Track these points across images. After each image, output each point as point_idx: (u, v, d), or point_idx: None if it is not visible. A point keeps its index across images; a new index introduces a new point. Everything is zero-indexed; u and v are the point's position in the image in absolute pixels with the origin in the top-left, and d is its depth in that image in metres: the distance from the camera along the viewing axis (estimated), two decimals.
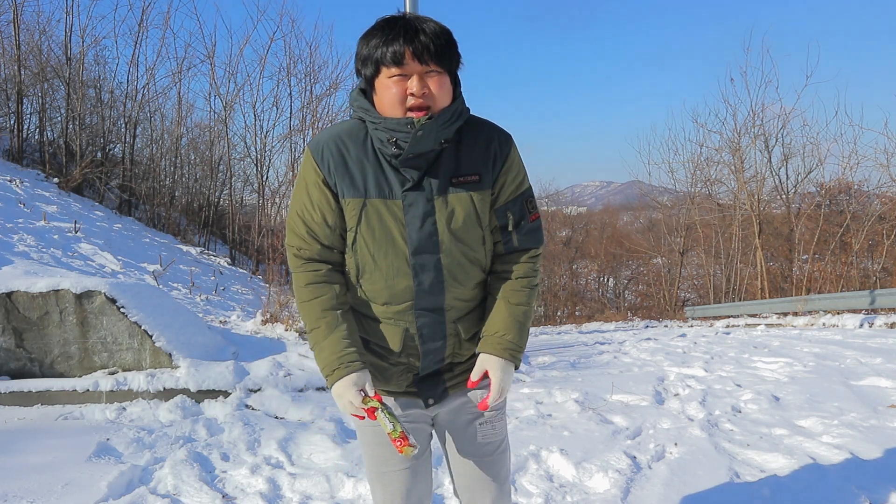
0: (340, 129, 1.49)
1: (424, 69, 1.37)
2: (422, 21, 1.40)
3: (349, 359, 1.46)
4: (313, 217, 1.48)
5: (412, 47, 1.35)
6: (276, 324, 6.13)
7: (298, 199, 1.50)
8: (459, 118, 1.44)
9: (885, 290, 11.07)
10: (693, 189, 22.98)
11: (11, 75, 13.86)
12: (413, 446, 1.43)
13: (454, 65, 1.44)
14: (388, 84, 1.38)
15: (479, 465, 1.64)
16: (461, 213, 1.46)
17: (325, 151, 1.45)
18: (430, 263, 1.46)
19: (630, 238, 32.17)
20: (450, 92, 1.43)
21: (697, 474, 3.09)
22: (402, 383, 1.57)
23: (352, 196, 1.44)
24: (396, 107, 1.38)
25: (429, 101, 1.38)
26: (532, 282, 1.56)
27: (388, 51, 1.36)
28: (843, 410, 4.17)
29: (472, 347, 1.59)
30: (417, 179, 1.44)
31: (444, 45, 1.39)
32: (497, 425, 1.65)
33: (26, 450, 3.36)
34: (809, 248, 18.17)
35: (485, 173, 1.47)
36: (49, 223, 9.56)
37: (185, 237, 15.31)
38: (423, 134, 1.37)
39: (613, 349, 7.74)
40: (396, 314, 1.50)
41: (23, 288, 4.35)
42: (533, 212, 1.55)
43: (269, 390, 4.38)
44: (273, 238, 14.74)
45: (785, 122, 19.57)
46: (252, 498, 2.85)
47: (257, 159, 18.05)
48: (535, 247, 1.56)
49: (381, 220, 1.44)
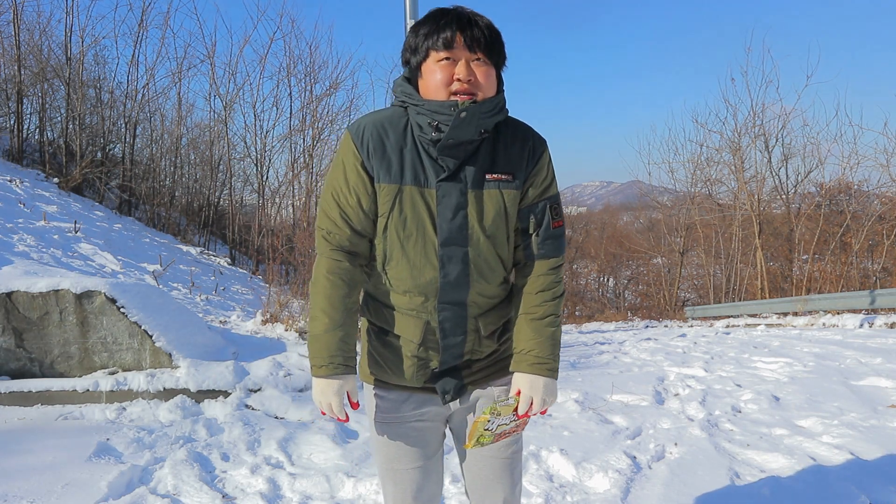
0: (381, 115, 1.49)
1: (473, 57, 1.41)
2: (475, 14, 1.44)
3: (340, 360, 1.47)
4: (348, 200, 1.47)
5: (464, 34, 1.39)
6: (276, 324, 6.13)
7: (334, 181, 1.49)
8: (500, 112, 1.46)
9: (885, 290, 11.07)
10: (693, 189, 22.99)
11: (11, 75, 13.86)
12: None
13: (500, 61, 1.47)
14: (435, 69, 1.41)
15: (492, 465, 1.64)
16: (492, 209, 1.47)
17: (366, 134, 1.46)
18: (457, 256, 1.47)
19: (630, 238, 32.15)
20: (494, 85, 1.45)
21: (697, 474, 3.09)
22: (420, 378, 1.56)
23: (387, 181, 1.45)
24: (441, 90, 1.40)
25: (474, 88, 1.41)
26: (555, 293, 1.55)
27: (439, 35, 1.40)
28: (843, 410, 4.17)
29: (491, 344, 1.59)
30: (454, 170, 1.45)
31: (494, 39, 1.43)
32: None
33: (26, 450, 3.36)
34: (809, 248, 18.16)
35: (518, 173, 1.49)
36: (49, 223, 9.56)
37: (185, 237, 15.31)
38: (465, 116, 1.38)
39: (613, 349, 7.74)
40: (419, 306, 1.50)
41: (23, 288, 4.35)
42: (557, 219, 1.55)
43: (269, 390, 4.38)
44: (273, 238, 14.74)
45: (785, 122, 19.57)
46: (252, 498, 2.85)
47: (257, 159, 18.05)
48: (556, 256, 1.55)
49: (414, 207, 1.45)
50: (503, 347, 1.63)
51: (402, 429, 1.60)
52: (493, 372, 1.62)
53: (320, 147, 17.92)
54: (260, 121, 18.57)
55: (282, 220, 18.43)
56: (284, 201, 18.50)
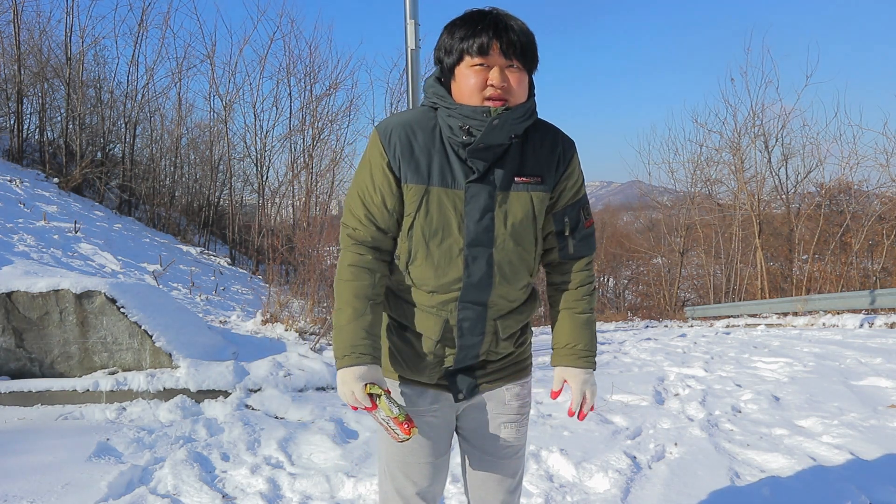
0: (410, 116, 1.50)
1: (507, 63, 1.41)
2: (510, 18, 1.43)
3: (362, 350, 1.45)
4: (373, 199, 1.48)
5: (500, 41, 1.39)
6: (276, 324, 6.13)
7: (361, 180, 1.51)
8: (531, 117, 1.47)
9: (885, 290, 11.07)
10: (693, 189, 22.99)
11: (11, 75, 13.85)
12: (415, 428, 1.44)
13: (533, 66, 1.47)
14: (469, 73, 1.41)
15: (495, 466, 1.65)
16: (520, 211, 1.48)
17: (394, 135, 1.47)
18: (482, 257, 1.48)
19: (630, 238, 32.15)
20: (526, 90, 1.45)
21: (697, 474, 3.09)
22: (434, 375, 1.57)
23: (415, 182, 1.46)
24: (475, 95, 1.41)
25: (507, 95, 1.41)
26: (590, 288, 1.60)
27: (475, 41, 1.39)
28: (843, 410, 4.17)
29: (507, 346, 1.60)
30: (483, 172, 1.46)
31: (528, 45, 1.42)
32: (521, 429, 1.67)
33: (26, 450, 3.36)
34: (809, 248, 18.16)
35: (547, 176, 1.50)
36: (49, 223, 9.56)
37: (185, 237, 15.30)
38: (498, 123, 1.39)
39: (613, 349, 7.74)
40: (440, 304, 1.51)
41: (23, 288, 4.35)
42: (588, 218, 1.58)
43: (269, 390, 4.38)
44: (273, 238, 14.74)
45: (785, 122, 19.59)
46: (252, 498, 2.85)
47: (257, 159, 18.03)
48: (590, 254, 1.60)
49: (440, 208, 1.46)
50: (519, 350, 1.65)
51: (418, 422, 1.59)
52: (506, 374, 1.63)
53: (320, 147, 17.92)
54: (260, 121, 18.54)
55: (282, 220, 18.42)
56: (284, 201, 18.50)
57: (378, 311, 1.51)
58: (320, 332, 5.74)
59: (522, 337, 1.65)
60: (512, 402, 1.64)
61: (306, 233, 9.61)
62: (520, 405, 1.66)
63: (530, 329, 1.71)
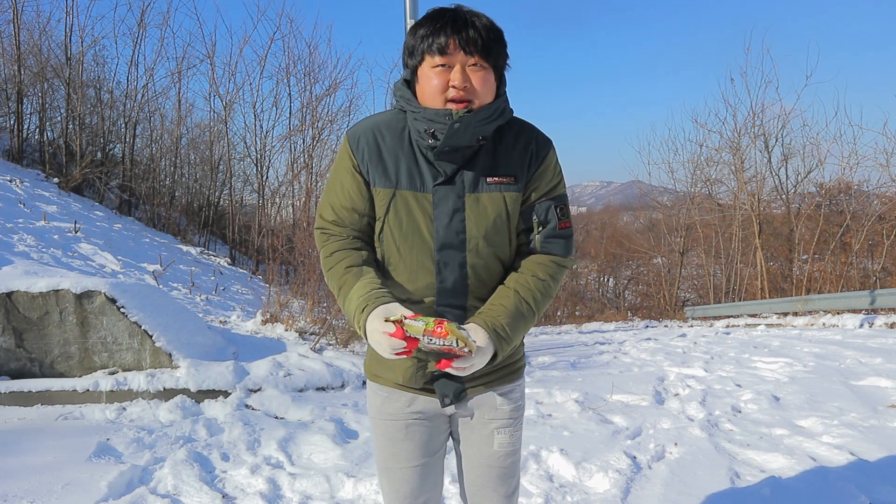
0: (380, 119, 1.48)
1: (468, 61, 1.36)
2: (473, 14, 1.38)
3: (376, 295, 1.36)
4: (343, 203, 1.48)
5: (458, 38, 1.34)
6: (276, 324, 6.13)
7: (331, 184, 1.51)
8: (500, 116, 1.42)
9: (885, 290, 11.07)
10: (693, 189, 22.98)
11: (11, 75, 13.85)
12: (452, 323, 1.29)
13: (500, 62, 1.42)
14: (431, 74, 1.37)
15: (490, 472, 1.60)
16: (492, 212, 1.43)
17: (362, 139, 1.45)
18: (454, 261, 1.44)
19: (630, 238, 32.14)
20: (493, 89, 1.41)
21: (697, 474, 3.09)
22: (419, 380, 1.53)
23: (382, 185, 1.44)
24: (437, 97, 1.37)
25: (470, 95, 1.37)
26: (546, 285, 1.47)
27: (434, 40, 1.35)
28: (843, 410, 4.17)
29: None
30: (451, 174, 1.42)
31: (492, 41, 1.37)
32: (515, 434, 1.61)
33: (26, 450, 3.36)
34: (809, 248, 18.16)
35: (520, 175, 1.45)
36: (49, 223, 9.56)
37: (185, 237, 15.30)
38: (459, 127, 1.35)
39: (613, 349, 7.74)
40: (417, 308, 1.46)
41: (23, 288, 4.35)
42: (564, 219, 1.49)
43: (269, 390, 4.38)
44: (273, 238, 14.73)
45: (785, 122, 19.56)
46: (252, 498, 2.84)
47: (257, 159, 18.04)
48: (559, 253, 1.49)
49: (409, 212, 1.43)
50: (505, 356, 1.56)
51: (399, 428, 1.57)
52: (496, 378, 1.56)
53: (320, 147, 17.90)
54: (260, 121, 18.54)
55: (282, 220, 18.41)
56: (284, 201, 18.49)
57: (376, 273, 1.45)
58: (320, 332, 5.74)
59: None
60: (503, 407, 1.58)
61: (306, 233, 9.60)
62: (512, 409, 1.59)
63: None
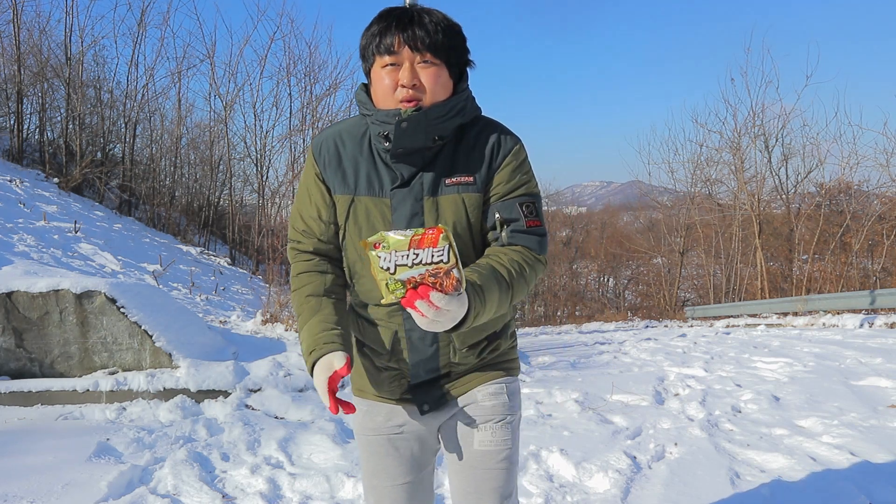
0: (343, 126, 1.46)
1: (417, 59, 1.31)
2: (422, 11, 1.33)
3: (325, 340, 1.35)
4: (310, 213, 1.47)
5: (403, 35, 1.30)
6: (276, 324, 6.14)
7: (299, 194, 1.51)
8: (458, 115, 1.36)
9: (885, 290, 11.08)
10: (693, 189, 23.02)
11: (11, 75, 13.86)
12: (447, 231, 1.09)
13: (453, 57, 1.35)
14: (381, 74, 1.33)
15: (476, 476, 1.46)
16: (451, 216, 1.36)
17: (323, 147, 1.44)
18: None
19: (630, 238, 32.16)
20: (446, 86, 1.35)
21: (697, 474, 3.09)
22: (396, 391, 1.48)
23: (342, 192, 1.41)
24: (388, 97, 1.33)
25: (419, 94, 1.31)
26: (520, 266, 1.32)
27: (381, 39, 1.31)
28: (843, 410, 4.17)
29: (470, 356, 1.45)
30: (408, 177, 1.37)
31: (442, 36, 1.32)
32: (498, 433, 1.45)
33: (26, 450, 3.36)
34: (809, 248, 18.17)
35: (479, 175, 1.37)
36: (49, 223, 9.56)
37: (185, 237, 15.31)
38: (408, 126, 1.29)
39: (613, 349, 7.74)
40: (387, 315, 1.42)
41: (23, 288, 4.35)
42: (531, 218, 1.37)
43: (269, 390, 4.38)
44: (273, 238, 14.75)
45: (785, 122, 19.59)
46: (252, 498, 2.85)
47: (257, 159, 18.06)
48: (529, 245, 1.36)
49: (368, 218, 1.39)
50: (489, 356, 1.49)
51: (381, 443, 1.51)
52: (477, 379, 1.47)
53: None
54: (260, 121, 18.56)
55: (282, 220, 18.40)
56: (284, 201, 18.48)
57: (339, 306, 1.44)
58: None
59: (492, 346, 1.47)
60: (485, 402, 1.45)
61: None
62: (494, 405, 1.46)
63: (507, 336, 1.52)
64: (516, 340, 1.61)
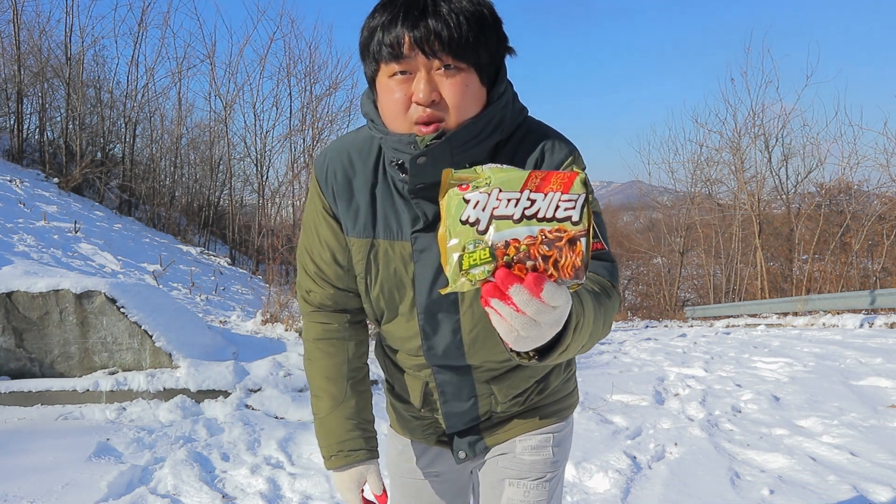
0: (350, 143, 1.14)
1: (434, 65, 0.96)
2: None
3: (350, 446, 1.21)
4: (322, 255, 1.18)
5: (414, 33, 0.94)
6: (276, 324, 6.14)
7: (306, 230, 1.22)
8: (494, 132, 1.02)
9: (885, 290, 11.07)
10: (693, 189, 23.02)
11: (11, 75, 13.85)
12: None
13: (485, 56, 0.99)
14: (389, 86, 0.99)
15: None
16: None
17: (329, 172, 1.13)
18: (446, 326, 1.13)
19: (630, 238, 32.18)
20: (477, 96, 1.00)
21: (697, 474, 3.09)
22: (431, 437, 1.30)
23: (357, 235, 1.12)
24: (399, 117, 0.99)
25: (440, 112, 0.97)
26: (605, 293, 0.99)
27: (384, 39, 0.97)
28: (843, 410, 4.17)
29: (513, 406, 1.23)
30: (433, 218, 1.06)
31: (468, 30, 0.95)
32: (531, 494, 1.23)
33: (26, 450, 3.36)
34: (809, 248, 18.17)
35: None
36: (49, 223, 9.56)
37: (185, 237, 15.30)
38: (427, 161, 0.97)
39: (613, 349, 7.74)
40: (414, 366, 1.22)
41: (23, 288, 4.35)
42: (595, 240, 1.00)
43: (269, 390, 4.38)
44: (273, 238, 14.74)
45: (785, 122, 19.64)
46: (252, 498, 2.85)
47: (257, 159, 18.05)
48: (601, 274, 1.05)
49: (388, 265, 1.12)
50: (536, 399, 1.25)
51: (418, 486, 1.35)
52: (519, 427, 1.26)
53: (320, 147, 17.93)
54: (260, 121, 18.62)
55: (282, 220, 18.42)
56: (284, 201, 18.50)
57: (363, 389, 1.26)
58: None
59: (540, 386, 1.24)
60: (523, 456, 1.24)
61: None
62: (535, 461, 1.23)
63: (561, 369, 1.27)
64: (574, 370, 1.35)
